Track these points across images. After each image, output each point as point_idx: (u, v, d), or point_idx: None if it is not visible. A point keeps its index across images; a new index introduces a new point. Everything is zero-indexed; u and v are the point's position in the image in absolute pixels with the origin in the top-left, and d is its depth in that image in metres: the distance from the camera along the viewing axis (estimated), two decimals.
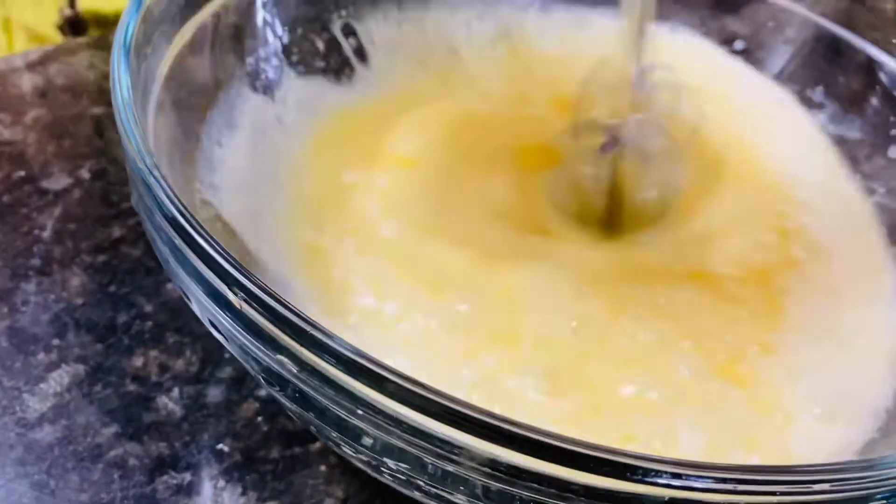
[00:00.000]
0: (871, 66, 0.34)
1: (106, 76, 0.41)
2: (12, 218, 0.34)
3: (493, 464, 0.17)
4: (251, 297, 0.18)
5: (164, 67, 0.27)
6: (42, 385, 0.29)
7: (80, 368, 0.29)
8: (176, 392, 0.29)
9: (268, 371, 0.19)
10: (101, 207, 0.35)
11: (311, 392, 0.18)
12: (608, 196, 0.32)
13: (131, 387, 0.29)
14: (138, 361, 0.30)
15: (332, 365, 0.17)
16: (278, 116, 0.32)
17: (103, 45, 0.42)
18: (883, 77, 0.33)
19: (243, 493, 0.27)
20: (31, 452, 0.27)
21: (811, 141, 0.34)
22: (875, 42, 0.34)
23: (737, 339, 0.28)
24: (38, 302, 0.31)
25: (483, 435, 0.17)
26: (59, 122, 0.38)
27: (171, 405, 0.29)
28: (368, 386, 0.17)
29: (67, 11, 0.47)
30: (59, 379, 0.29)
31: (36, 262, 0.33)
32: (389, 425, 0.18)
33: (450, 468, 0.18)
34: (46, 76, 0.41)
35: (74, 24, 0.47)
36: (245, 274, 0.18)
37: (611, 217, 0.32)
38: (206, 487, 0.27)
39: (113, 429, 0.28)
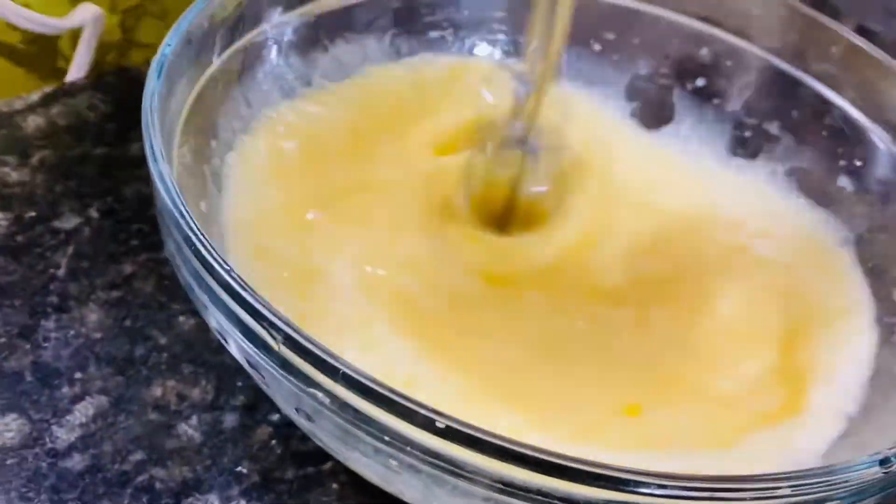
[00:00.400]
0: (820, 101, 0.37)
1: (106, 116, 0.43)
2: (27, 258, 0.36)
3: (502, 481, 0.20)
4: (288, 340, 0.20)
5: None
6: (68, 417, 0.31)
7: (104, 400, 0.32)
8: (195, 419, 0.31)
9: (301, 402, 0.21)
10: (112, 245, 0.37)
11: (342, 423, 0.21)
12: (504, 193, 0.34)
13: (153, 415, 0.31)
14: (157, 391, 0.32)
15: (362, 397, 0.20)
16: None
17: (103, 86, 0.44)
18: (832, 111, 0.36)
19: None
20: (64, 480, 0.29)
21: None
22: (822, 77, 0.37)
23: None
24: (58, 337, 0.33)
25: (496, 455, 0.19)
26: (64, 162, 0.40)
27: (190, 431, 0.31)
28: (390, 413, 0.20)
29: None
30: (85, 410, 0.31)
31: (53, 299, 0.35)
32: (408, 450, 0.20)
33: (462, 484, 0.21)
34: (49, 117, 0.43)
35: None
36: (284, 321, 0.20)
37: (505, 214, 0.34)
38: None
39: (138, 455, 0.30)
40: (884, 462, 0.20)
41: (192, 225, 0.22)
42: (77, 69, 0.47)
